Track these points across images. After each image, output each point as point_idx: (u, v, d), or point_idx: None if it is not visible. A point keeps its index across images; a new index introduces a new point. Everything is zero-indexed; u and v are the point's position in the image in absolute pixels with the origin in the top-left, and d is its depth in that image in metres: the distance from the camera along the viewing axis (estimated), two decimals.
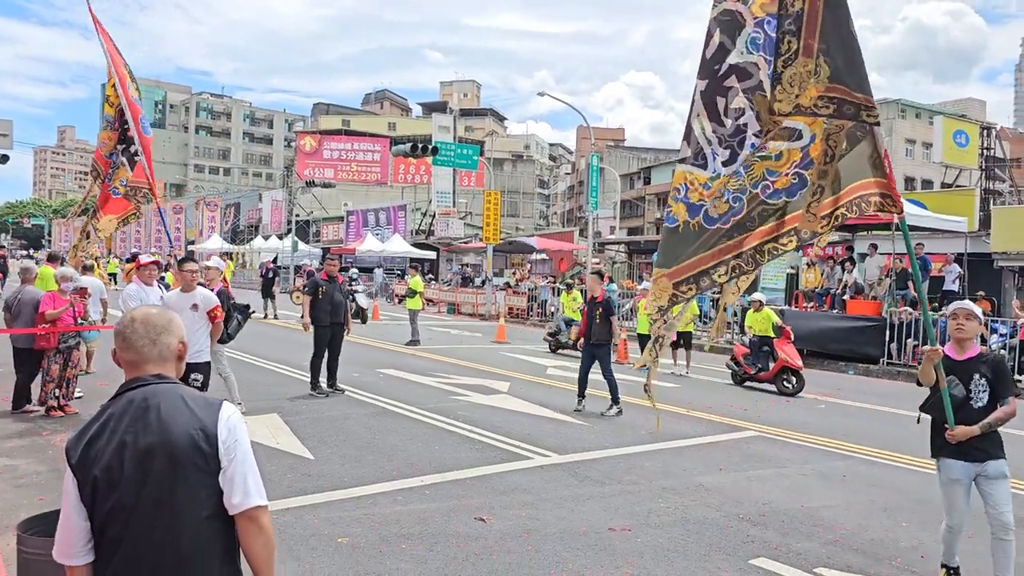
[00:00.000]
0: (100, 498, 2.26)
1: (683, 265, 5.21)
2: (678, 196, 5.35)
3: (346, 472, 7.44)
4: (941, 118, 36.93)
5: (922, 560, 5.78)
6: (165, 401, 2.30)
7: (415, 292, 19.78)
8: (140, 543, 2.24)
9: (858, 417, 11.84)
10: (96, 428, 2.31)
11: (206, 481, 2.28)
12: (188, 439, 2.26)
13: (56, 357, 9.43)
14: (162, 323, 2.46)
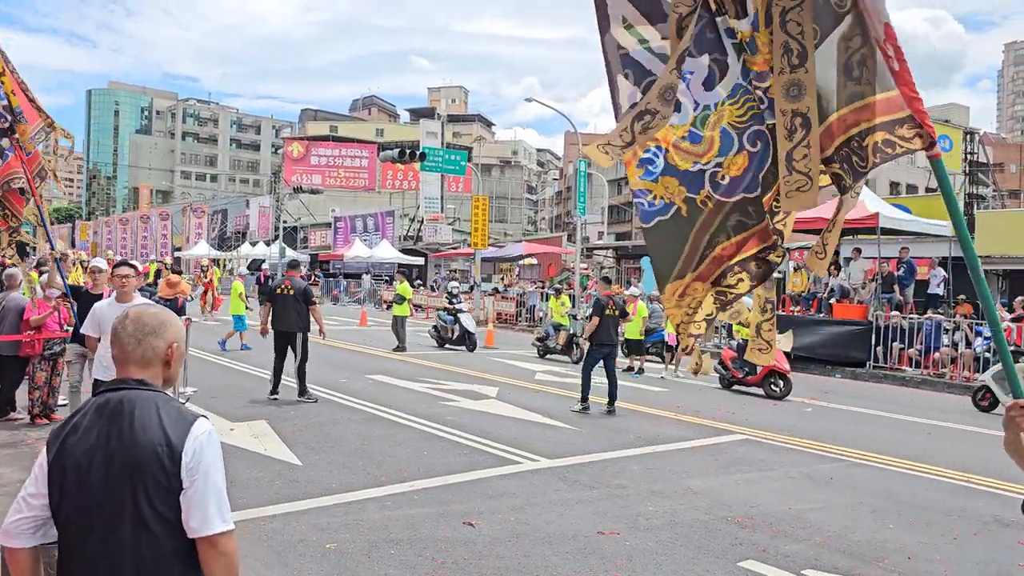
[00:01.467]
0: (67, 495, 2.23)
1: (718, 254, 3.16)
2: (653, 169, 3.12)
3: (334, 478, 7.42)
4: None
5: (908, 561, 5.81)
6: (139, 410, 2.24)
7: (403, 298, 19.73)
8: (100, 548, 2.21)
9: (845, 420, 11.90)
10: (73, 424, 2.29)
11: (165, 497, 2.20)
12: (152, 453, 2.19)
13: (42, 364, 9.36)
14: (152, 324, 2.40)
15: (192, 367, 12.26)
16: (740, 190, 3.07)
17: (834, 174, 2.83)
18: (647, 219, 3.24)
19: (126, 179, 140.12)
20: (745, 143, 3.00)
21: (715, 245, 3.18)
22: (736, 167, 3.04)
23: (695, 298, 3.28)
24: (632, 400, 12.60)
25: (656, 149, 3.15)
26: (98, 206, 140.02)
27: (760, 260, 3.19)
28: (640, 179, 3.20)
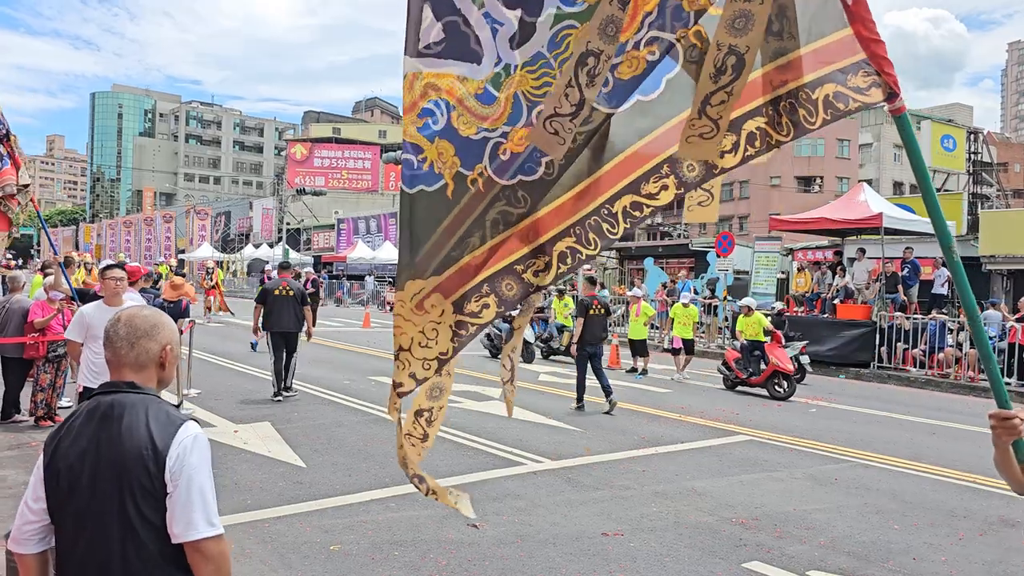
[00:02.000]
0: (61, 499, 2.25)
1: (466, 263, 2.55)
2: (433, 125, 2.55)
3: (338, 480, 7.42)
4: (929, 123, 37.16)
5: (914, 562, 5.80)
6: (128, 413, 2.23)
7: None
8: (90, 551, 2.21)
9: (849, 421, 11.87)
10: (66, 428, 2.30)
11: (151, 501, 2.19)
12: (138, 457, 2.18)
13: (46, 366, 9.38)
14: (145, 327, 2.38)
15: (196, 369, 12.29)
16: (517, 170, 2.50)
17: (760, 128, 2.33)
18: (411, 182, 2.57)
19: (130, 182, 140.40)
20: (533, 117, 2.47)
21: (466, 246, 2.54)
22: (519, 141, 2.50)
23: (432, 319, 2.57)
24: (636, 401, 12.59)
25: (441, 103, 2.54)
26: (102, 209, 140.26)
27: (516, 276, 2.52)
28: (417, 132, 2.55)
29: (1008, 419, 2.39)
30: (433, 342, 2.57)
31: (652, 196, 2.40)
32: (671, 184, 2.37)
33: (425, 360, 2.57)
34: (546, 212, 2.50)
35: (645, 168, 2.41)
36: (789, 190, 57.99)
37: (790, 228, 23.15)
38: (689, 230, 63.43)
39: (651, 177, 2.39)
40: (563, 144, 2.43)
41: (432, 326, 2.56)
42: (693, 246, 37.15)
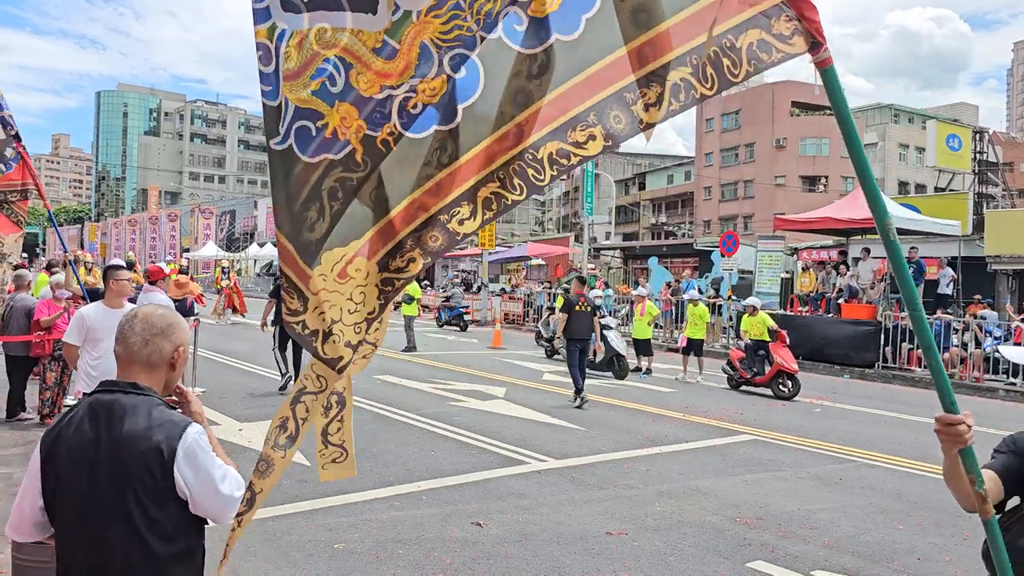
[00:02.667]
0: (59, 498, 2.25)
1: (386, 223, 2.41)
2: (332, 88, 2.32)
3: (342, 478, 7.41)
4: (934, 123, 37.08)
5: (919, 562, 5.79)
6: (130, 415, 2.22)
7: (412, 298, 19.76)
8: (91, 552, 2.21)
9: (854, 420, 11.85)
10: (63, 427, 2.28)
11: (156, 502, 2.20)
12: (141, 459, 2.18)
13: (52, 364, 9.40)
14: (161, 325, 2.37)
15: (201, 368, 12.31)
16: (433, 122, 2.33)
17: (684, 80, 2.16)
18: (311, 151, 2.34)
19: (135, 180, 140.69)
20: (446, 66, 2.28)
21: (385, 207, 2.38)
22: (431, 92, 2.30)
23: (357, 283, 2.42)
24: (640, 401, 12.59)
25: (337, 61, 2.30)
26: (107, 207, 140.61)
27: (440, 226, 2.37)
28: (312, 95, 2.32)
29: (952, 424, 2.16)
30: (361, 305, 2.44)
31: (580, 145, 2.24)
32: (598, 135, 2.22)
33: (356, 325, 2.44)
34: (467, 159, 2.32)
35: (570, 115, 2.24)
36: (794, 189, 57.88)
37: (794, 228, 23.11)
38: (694, 230, 63.38)
39: (578, 125, 2.23)
40: None
41: (359, 290, 2.43)
42: (697, 245, 37.15)
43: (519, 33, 2.26)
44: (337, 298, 2.39)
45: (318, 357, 2.38)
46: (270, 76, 2.29)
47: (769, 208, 52.31)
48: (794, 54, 2.10)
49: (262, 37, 2.30)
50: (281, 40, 2.28)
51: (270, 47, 2.28)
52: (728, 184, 63.72)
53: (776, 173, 59.39)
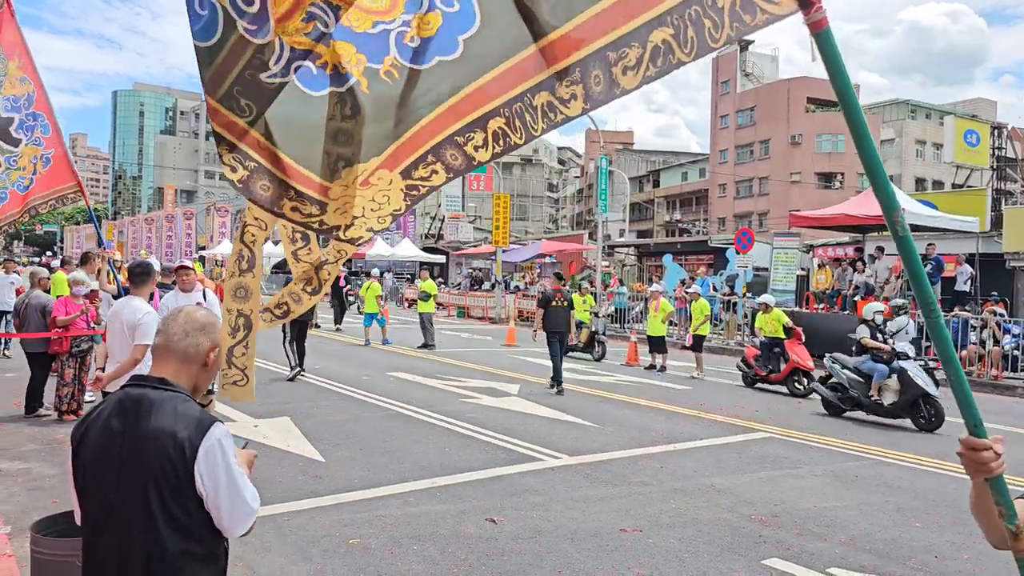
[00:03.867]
0: (87, 490, 2.29)
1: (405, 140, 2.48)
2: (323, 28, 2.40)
3: (357, 474, 7.45)
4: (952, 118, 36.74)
5: (936, 560, 5.74)
6: (157, 410, 2.24)
7: (428, 295, 19.74)
8: (113, 544, 2.24)
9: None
10: (91, 421, 2.32)
11: (177, 498, 2.21)
12: (164, 455, 2.19)
13: (69, 361, 9.48)
14: (203, 322, 2.42)
15: None
16: (434, 52, 2.40)
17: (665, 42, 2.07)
18: (316, 85, 2.44)
19: (151, 179, 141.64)
20: (437, 2, 2.37)
21: (401, 128, 2.50)
22: (428, 27, 2.40)
23: (380, 188, 2.55)
24: (655, 398, 12.55)
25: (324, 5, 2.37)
26: (124, 206, 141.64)
27: (458, 147, 2.45)
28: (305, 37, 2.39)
29: (976, 450, 1.88)
30: (386, 204, 2.56)
31: (564, 102, 2.22)
32: (579, 95, 2.18)
33: (379, 216, 2.56)
34: (474, 89, 2.38)
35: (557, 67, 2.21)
36: (809, 186, 57.53)
37: (810, 224, 22.97)
38: (708, 227, 63.11)
39: (565, 78, 2.20)
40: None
41: (383, 193, 2.55)
42: (712, 243, 36.97)
43: None
44: (360, 200, 2.55)
45: (338, 239, 2.58)
46: (255, 16, 2.33)
47: (784, 205, 52.03)
48: (781, 15, 1.94)
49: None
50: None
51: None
52: (743, 181, 63.41)
53: (791, 170, 59.03)
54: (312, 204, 2.53)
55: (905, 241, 1.83)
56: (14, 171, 8.18)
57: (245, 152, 2.44)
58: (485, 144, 2.41)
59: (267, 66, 2.37)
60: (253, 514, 2.31)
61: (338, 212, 2.55)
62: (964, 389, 1.88)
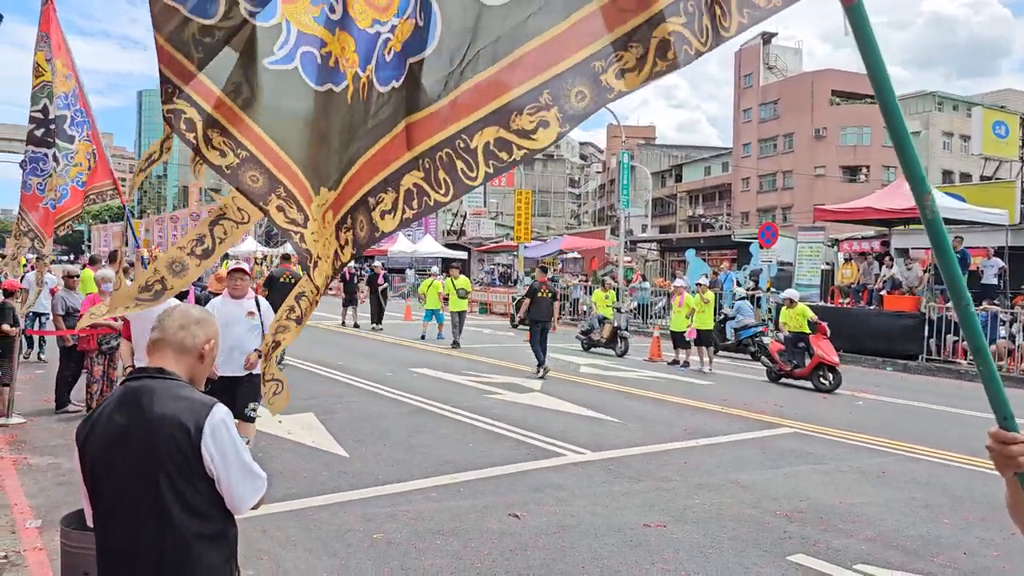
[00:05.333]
0: (97, 485, 2.33)
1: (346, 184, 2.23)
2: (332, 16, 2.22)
3: (380, 469, 7.48)
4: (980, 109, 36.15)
5: (964, 557, 5.67)
6: (158, 398, 2.29)
7: (467, 292, 19.47)
8: (125, 533, 2.28)
9: (897, 413, 11.64)
10: (97, 415, 2.37)
11: (186, 481, 2.26)
12: (170, 439, 2.24)
13: (99, 358, 9.60)
14: (197, 316, 2.49)
15: None
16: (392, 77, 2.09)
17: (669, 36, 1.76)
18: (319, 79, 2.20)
19: (176, 178, 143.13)
20: (417, 10, 2.03)
21: (350, 166, 2.21)
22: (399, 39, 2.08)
23: (328, 238, 2.28)
24: (678, 393, 12.50)
25: None
26: (149, 204, 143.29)
27: (367, 211, 2.14)
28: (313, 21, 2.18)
29: (1005, 443, 1.78)
30: (326, 261, 2.38)
31: (525, 134, 1.81)
32: (552, 119, 1.79)
33: (326, 276, 2.41)
34: (400, 131, 2.05)
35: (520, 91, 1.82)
36: (834, 180, 56.96)
37: (835, 219, 22.74)
38: (732, 221, 62.69)
39: (525, 107, 1.81)
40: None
41: (329, 245, 2.35)
42: (736, 237, 36.72)
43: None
44: (320, 237, 2.34)
45: (308, 275, 2.36)
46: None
47: (809, 199, 51.56)
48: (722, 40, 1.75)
49: None
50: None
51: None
52: (767, 175, 62.90)
53: (816, 163, 58.47)
54: (298, 211, 2.32)
55: (934, 224, 1.73)
56: (72, 167, 8.35)
57: (237, 138, 2.28)
58: (394, 208, 2.08)
59: (272, 51, 2.22)
60: (263, 487, 2.37)
61: (313, 237, 2.32)
62: (994, 380, 1.78)
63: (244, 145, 2.27)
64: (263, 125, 2.29)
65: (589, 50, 1.79)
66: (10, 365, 9.15)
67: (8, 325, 9.02)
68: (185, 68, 2.20)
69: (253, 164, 2.28)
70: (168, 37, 2.18)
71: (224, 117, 2.25)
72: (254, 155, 2.28)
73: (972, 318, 1.79)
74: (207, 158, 2.25)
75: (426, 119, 2.00)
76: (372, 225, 2.13)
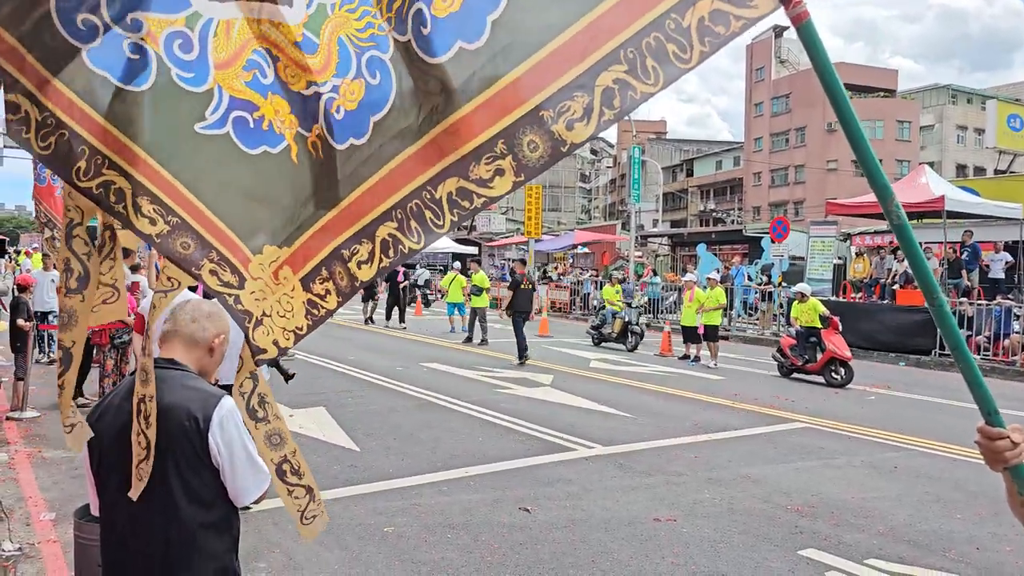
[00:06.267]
0: (106, 470, 2.36)
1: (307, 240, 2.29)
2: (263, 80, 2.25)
3: (391, 463, 7.51)
4: (994, 102, 35.89)
5: (977, 552, 5.64)
6: (167, 387, 2.31)
7: (481, 289, 18.83)
8: (132, 522, 2.30)
9: (910, 408, 11.59)
10: (107, 404, 2.41)
11: (194, 471, 2.29)
12: (179, 428, 2.27)
13: (111, 352, 9.67)
14: (209, 311, 2.52)
15: None
16: (350, 132, 2.15)
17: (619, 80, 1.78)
18: (251, 142, 2.24)
19: None
20: (363, 69, 2.11)
21: (308, 222, 2.24)
22: (351, 96, 2.14)
23: (287, 293, 2.28)
24: (688, 388, 12.48)
25: (265, 53, 2.20)
26: None
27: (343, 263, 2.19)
28: (245, 86, 2.22)
29: (991, 439, 1.82)
30: (290, 314, 2.31)
31: (484, 183, 1.90)
32: (507, 167, 1.87)
33: (284, 330, 2.33)
34: (370, 185, 2.12)
35: (474, 143, 1.90)
36: (846, 174, 56.63)
37: (848, 213, 22.61)
38: (743, 216, 62.47)
39: (483, 156, 1.88)
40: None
41: (287, 299, 2.31)
42: (747, 232, 36.60)
43: (426, 38, 1.95)
44: (270, 295, 2.30)
45: (247, 340, 2.28)
46: (192, 63, 2.17)
47: (821, 193, 51.28)
48: (759, 16, 1.73)
49: (178, 25, 2.15)
50: (207, 29, 2.16)
51: (191, 35, 2.15)
52: (778, 169, 62.60)
53: (828, 157, 58.14)
54: (232, 273, 2.27)
55: (902, 229, 1.76)
56: None
57: (167, 205, 2.20)
58: (371, 258, 2.14)
59: (203, 116, 2.21)
60: (267, 481, 2.39)
61: (253, 296, 2.28)
62: (974, 375, 1.82)
63: (174, 211, 2.22)
64: (194, 189, 2.25)
65: (537, 98, 1.82)
66: (24, 359, 9.22)
67: (22, 319, 9.09)
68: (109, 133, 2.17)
69: (184, 230, 2.23)
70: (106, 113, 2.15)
71: (153, 183, 2.20)
72: (185, 220, 2.23)
73: (947, 317, 1.81)
74: (136, 228, 2.18)
75: (395, 171, 2.06)
76: (351, 275, 2.17)
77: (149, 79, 2.14)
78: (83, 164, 2.15)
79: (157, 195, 2.19)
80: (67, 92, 2.07)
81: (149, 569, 2.29)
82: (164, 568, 2.27)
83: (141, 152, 2.17)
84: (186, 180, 2.23)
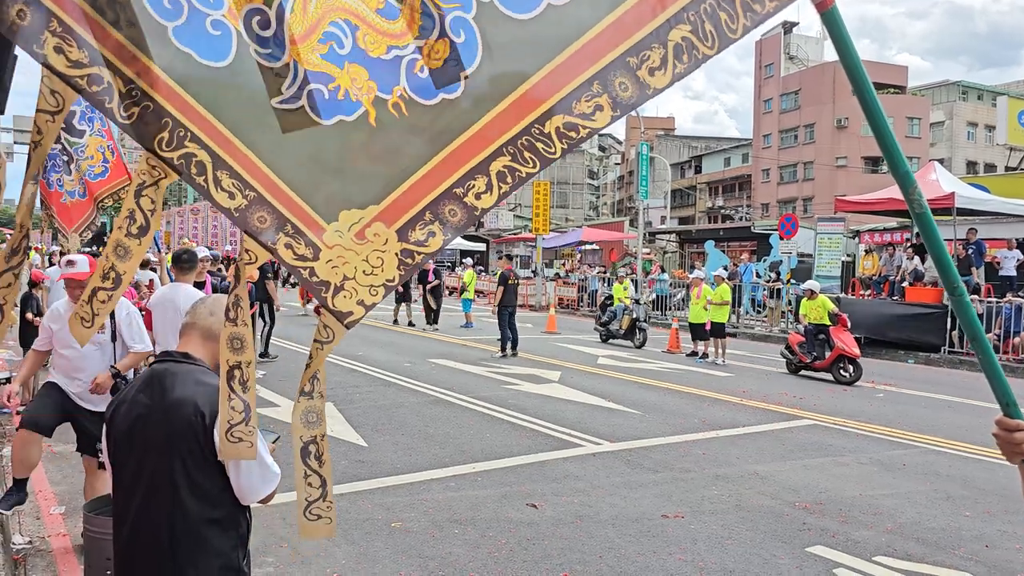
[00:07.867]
0: (120, 460, 2.38)
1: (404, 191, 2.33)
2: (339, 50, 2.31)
3: (399, 459, 7.52)
4: (1005, 99, 35.65)
5: (986, 549, 5.62)
6: (180, 382, 2.34)
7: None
8: (142, 514, 2.31)
9: (918, 406, 11.55)
10: (124, 394, 2.44)
11: (201, 466, 2.29)
12: (187, 423, 2.28)
13: None
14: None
15: None
16: (441, 89, 2.25)
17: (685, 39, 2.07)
18: (327, 113, 2.32)
19: None
20: (448, 28, 2.21)
21: (402, 174, 2.32)
22: (436, 56, 2.23)
23: (375, 247, 2.34)
24: (696, 385, 12.46)
25: (344, 24, 2.29)
26: (170, 196, 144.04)
27: (458, 200, 2.28)
28: (321, 59, 2.31)
29: (1009, 431, 1.83)
30: (379, 269, 2.36)
31: (587, 116, 2.13)
32: (605, 104, 2.11)
33: (372, 287, 2.35)
34: (474, 133, 2.25)
35: (574, 84, 2.13)
36: (856, 170, 56.41)
37: (857, 210, 22.51)
38: (751, 213, 62.28)
39: (583, 95, 2.12)
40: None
41: (377, 254, 2.35)
42: (755, 229, 36.49)
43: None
44: (352, 256, 2.34)
45: (327, 308, 2.32)
46: (269, 40, 2.26)
47: (830, 190, 51.11)
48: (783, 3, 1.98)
49: (258, 2, 2.25)
50: (285, 3, 2.25)
51: (268, 12, 2.25)
52: (787, 166, 62.39)
53: (837, 154, 57.92)
54: (307, 245, 2.33)
55: (924, 218, 1.80)
56: (84, 160, 8.41)
57: (245, 179, 2.29)
58: (489, 188, 2.26)
59: (279, 91, 2.29)
60: (275, 481, 2.41)
61: (330, 265, 2.34)
62: (993, 367, 1.82)
63: (252, 185, 2.30)
64: (270, 163, 2.32)
65: (623, 47, 2.08)
66: None
67: (32, 314, 9.13)
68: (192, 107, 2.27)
69: (261, 204, 2.31)
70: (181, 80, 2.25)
71: (232, 157, 2.29)
72: (261, 195, 2.31)
73: (967, 306, 1.82)
74: (216, 200, 2.27)
75: (495, 120, 2.22)
76: (468, 207, 2.28)
77: (229, 56, 2.25)
78: (166, 135, 2.26)
79: (236, 169, 2.29)
80: (154, 68, 2.19)
81: (156, 564, 2.30)
82: (170, 563, 2.28)
83: (221, 127, 2.27)
84: (262, 154, 2.32)
